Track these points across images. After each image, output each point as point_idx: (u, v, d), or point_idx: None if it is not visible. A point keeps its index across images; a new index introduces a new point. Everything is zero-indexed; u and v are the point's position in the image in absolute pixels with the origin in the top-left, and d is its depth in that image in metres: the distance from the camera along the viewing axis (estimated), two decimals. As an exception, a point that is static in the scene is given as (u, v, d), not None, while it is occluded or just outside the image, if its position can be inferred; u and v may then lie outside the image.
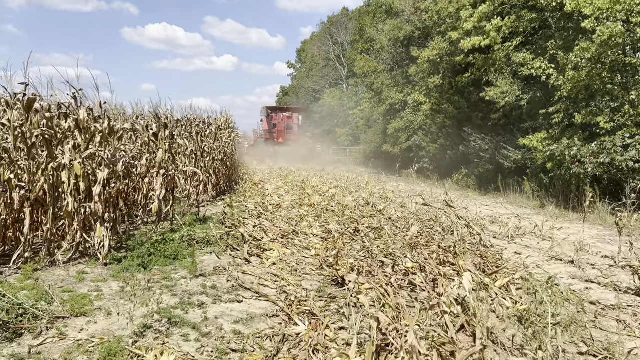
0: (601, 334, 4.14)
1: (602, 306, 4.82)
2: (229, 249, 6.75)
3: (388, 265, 5.70)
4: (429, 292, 4.86)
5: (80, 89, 6.53)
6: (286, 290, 5.05)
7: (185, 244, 6.93)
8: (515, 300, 4.70)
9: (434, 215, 9.03)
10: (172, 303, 4.65)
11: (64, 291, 4.88)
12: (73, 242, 6.10)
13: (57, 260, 5.86)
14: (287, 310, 4.42)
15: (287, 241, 7.31)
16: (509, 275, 5.34)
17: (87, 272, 5.63)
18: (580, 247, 6.92)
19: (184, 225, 7.85)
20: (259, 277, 5.50)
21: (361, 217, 8.94)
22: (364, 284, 4.87)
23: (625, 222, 6.96)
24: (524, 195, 14.04)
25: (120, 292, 4.95)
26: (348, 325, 4.08)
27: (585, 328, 4.04)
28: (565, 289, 5.11)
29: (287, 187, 14.77)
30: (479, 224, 8.56)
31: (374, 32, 31.08)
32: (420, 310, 4.29)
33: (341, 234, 7.40)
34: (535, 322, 4.05)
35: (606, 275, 5.99)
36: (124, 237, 7.30)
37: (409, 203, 10.81)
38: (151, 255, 6.16)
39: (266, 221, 8.68)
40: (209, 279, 5.50)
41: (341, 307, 4.57)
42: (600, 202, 10.73)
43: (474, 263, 5.88)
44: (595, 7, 11.37)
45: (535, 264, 6.49)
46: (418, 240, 6.77)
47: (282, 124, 38.04)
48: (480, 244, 6.94)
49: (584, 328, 4.03)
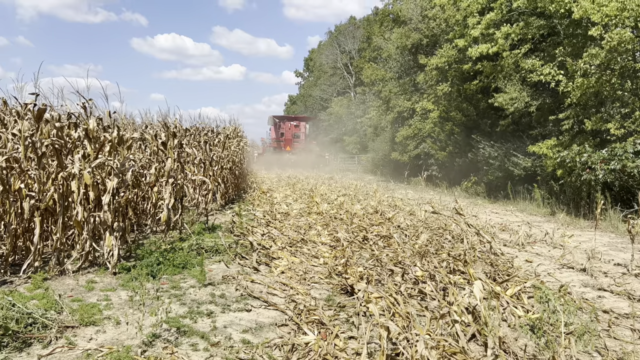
0: (615, 343, 4.07)
1: (616, 315, 4.74)
2: (237, 258, 6.74)
3: (397, 274, 5.66)
4: (439, 301, 4.81)
5: (90, 99, 6.58)
6: (295, 299, 5.02)
7: (194, 252, 6.92)
8: (527, 309, 4.64)
9: (444, 223, 8.97)
10: (180, 312, 4.64)
11: (73, 300, 4.89)
12: (82, 251, 6.11)
13: (66, 269, 5.88)
14: (296, 319, 4.39)
15: (296, 249, 7.29)
16: (520, 284, 5.28)
17: (96, 281, 5.63)
18: (592, 255, 6.84)
19: (193, 234, 7.85)
20: (267, 286, 5.48)
21: (370, 225, 8.91)
22: (374, 293, 4.84)
23: (637, 229, 6.88)
24: (534, 202, 13.93)
25: (129, 301, 4.94)
26: (357, 334, 4.05)
27: (599, 337, 3.98)
28: (578, 298, 5.05)
29: (295, 196, 14.76)
30: (489, 232, 8.50)
31: (381, 40, 31.16)
32: (431, 319, 4.24)
33: (350, 242, 7.37)
34: (547, 331, 3.99)
35: (619, 284, 5.91)
36: (133, 246, 7.31)
37: (418, 211, 10.76)
38: (160, 264, 6.16)
39: (274, 229, 8.67)
40: (217, 288, 5.48)
41: (350, 316, 4.53)
42: (612, 209, 10.62)
43: (485, 271, 5.83)
44: (603, 13, 11.32)
45: (547, 272, 6.42)
46: (427, 248, 6.72)
47: (289, 133, 38.31)
48: (490, 252, 6.88)
49: (598, 337, 3.97)
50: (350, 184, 20.06)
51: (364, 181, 23.28)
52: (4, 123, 6.84)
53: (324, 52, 54.19)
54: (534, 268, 6.49)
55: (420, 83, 23.70)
